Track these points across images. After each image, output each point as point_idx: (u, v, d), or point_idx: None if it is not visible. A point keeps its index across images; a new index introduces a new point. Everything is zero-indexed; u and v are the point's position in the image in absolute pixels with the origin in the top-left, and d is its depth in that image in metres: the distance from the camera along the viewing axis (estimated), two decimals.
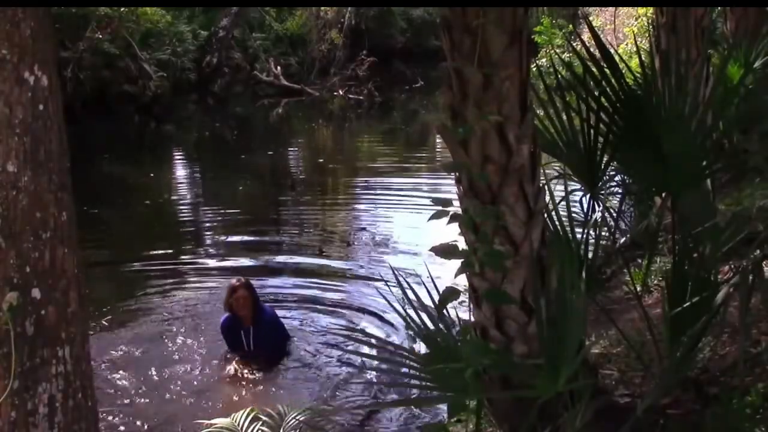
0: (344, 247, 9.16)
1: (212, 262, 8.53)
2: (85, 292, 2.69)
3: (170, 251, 8.86)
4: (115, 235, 9.66)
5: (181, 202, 11.99)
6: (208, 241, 9.53)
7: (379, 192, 11.81)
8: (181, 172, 15.18)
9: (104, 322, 6.70)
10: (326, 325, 6.57)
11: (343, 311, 7.02)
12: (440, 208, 2.27)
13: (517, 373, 2.96)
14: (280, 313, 6.49)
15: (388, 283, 3.69)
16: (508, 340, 3.26)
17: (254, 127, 20.42)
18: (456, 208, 2.33)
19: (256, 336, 5.82)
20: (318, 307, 7.13)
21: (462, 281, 3.13)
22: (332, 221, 10.51)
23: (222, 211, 11.03)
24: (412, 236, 8.79)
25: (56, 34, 2.80)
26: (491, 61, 3.03)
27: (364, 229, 9.80)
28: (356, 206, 11.37)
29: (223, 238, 9.60)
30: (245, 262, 8.50)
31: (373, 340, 3.15)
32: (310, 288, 7.61)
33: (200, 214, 11.01)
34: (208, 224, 10.40)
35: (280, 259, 8.62)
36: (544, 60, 14.68)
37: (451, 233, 2.63)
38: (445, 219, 2.32)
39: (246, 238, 9.44)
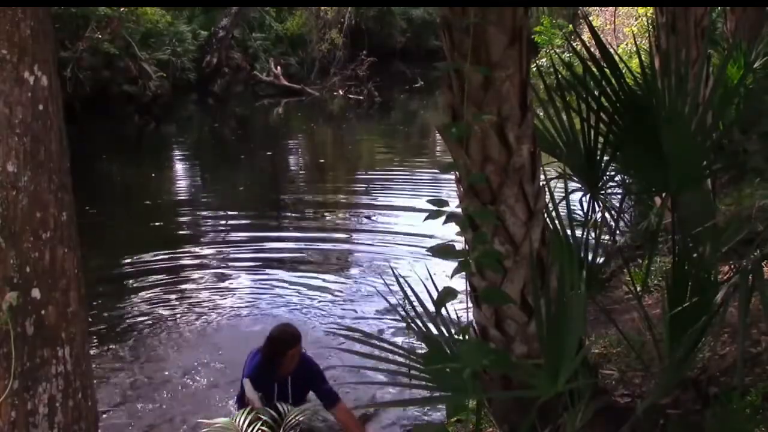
0: (344, 247, 9.17)
1: (213, 262, 8.53)
2: (84, 292, 2.69)
3: (170, 251, 8.86)
4: (115, 235, 9.66)
5: (181, 202, 11.98)
6: (209, 241, 9.52)
7: (379, 191, 11.82)
8: (181, 172, 15.18)
9: (104, 323, 6.70)
10: (326, 324, 6.57)
11: (343, 311, 7.02)
12: (436, 208, 2.26)
13: (516, 373, 2.96)
14: (279, 312, 6.51)
15: (388, 283, 3.69)
16: (507, 339, 3.26)
17: (254, 127, 20.43)
18: (451, 208, 2.32)
19: (294, 385, 4.67)
20: (318, 306, 7.13)
21: (462, 281, 3.13)
22: (333, 220, 10.51)
23: (222, 211, 11.03)
24: (412, 236, 8.79)
25: (56, 34, 2.80)
26: (491, 61, 3.03)
27: (364, 228, 9.81)
28: (357, 206, 11.36)
29: (223, 237, 9.61)
30: (245, 261, 8.51)
31: (372, 340, 3.14)
32: (310, 287, 7.61)
33: (200, 214, 11.01)
34: (208, 224, 10.40)
35: (280, 258, 8.62)
36: (544, 60, 14.71)
37: (451, 232, 2.63)
38: (445, 219, 2.31)
39: (246, 237, 9.44)
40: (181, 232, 10.03)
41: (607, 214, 3.67)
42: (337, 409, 4.65)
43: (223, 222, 9.91)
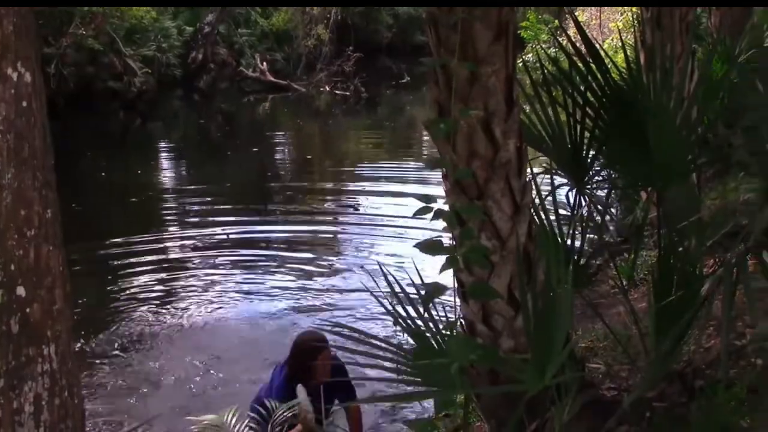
0: (332, 243, 9.17)
1: (200, 259, 8.51)
2: (70, 290, 2.67)
3: (157, 248, 8.84)
4: (101, 232, 9.61)
5: (167, 198, 11.94)
6: (195, 238, 9.50)
7: (366, 187, 11.82)
8: (167, 168, 15.11)
9: (91, 321, 6.67)
10: (314, 318, 6.57)
11: (330, 307, 7.02)
12: (424, 204, 2.25)
13: (504, 368, 2.96)
14: (268, 306, 6.46)
15: (375, 278, 3.69)
16: (495, 334, 3.26)
17: (240, 123, 20.36)
18: (440, 204, 2.32)
19: (327, 394, 4.30)
20: (305, 303, 7.13)
21: (449, 276, 3.13)
22: (320, 217, 10.50)
23: (209, 208, 11.00)
24: (399, 231, 8.80)
25: (39, 30, 2.77)
26: (477, 57, 3.03)
27: (351, 219, 9.82)
28: (344, 202, 11.36)
29: (210, 234, 9.58)
30: (233, 258, 8.50)
31: (360, 336, 3.14)
32: (297, 284, 7.61)
33: (187, 211, 10.97)
34: (194, 221, 10.37)
35: (268, 254, 8.61)
36: (530, 55, 14.75)
37: (438, 228, 2.63)
38: (431, 215, 2.31)
39: (233, 234, 9.43)
40: (167, 229, 9.99)
41: (593, 209, 3.68)
42: (351, 408, 4.51)
43: (222, 230, 9.80)
